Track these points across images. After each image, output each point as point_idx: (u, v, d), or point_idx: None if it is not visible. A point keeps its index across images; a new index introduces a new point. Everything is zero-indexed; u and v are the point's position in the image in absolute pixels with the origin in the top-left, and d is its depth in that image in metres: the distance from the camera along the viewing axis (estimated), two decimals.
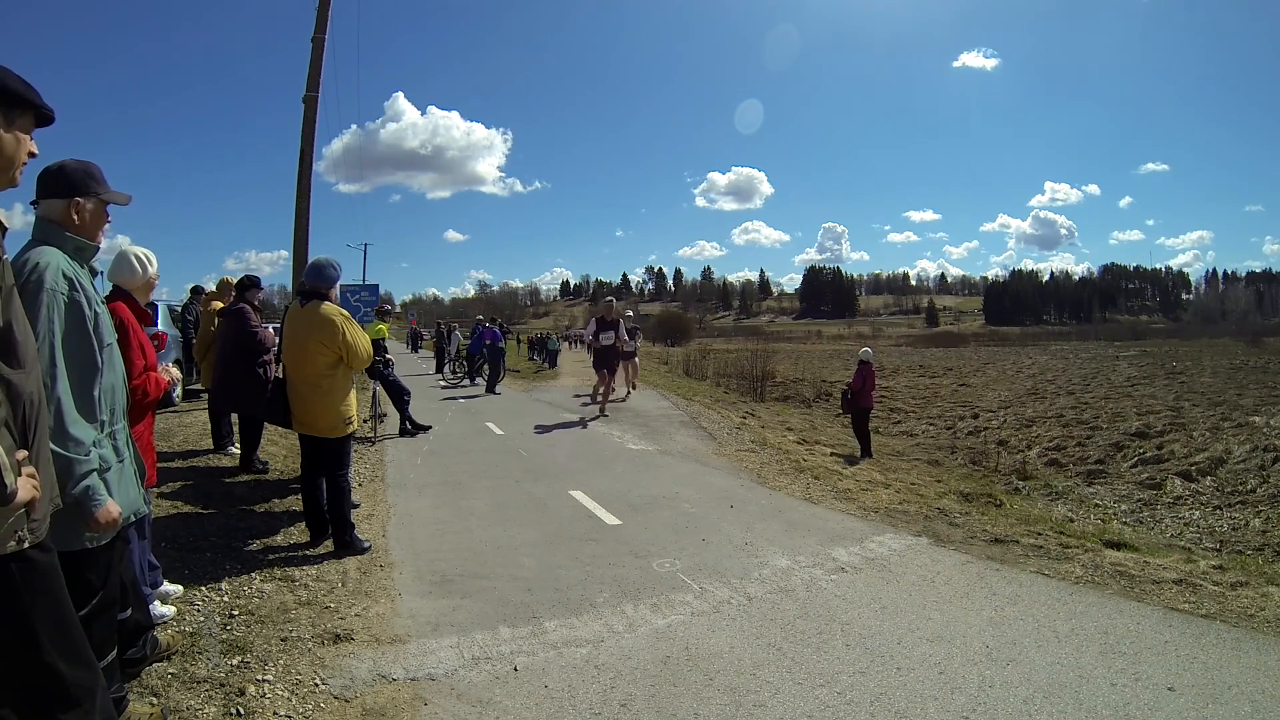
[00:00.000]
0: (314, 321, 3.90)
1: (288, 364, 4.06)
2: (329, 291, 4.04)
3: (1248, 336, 50.86)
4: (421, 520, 4.86)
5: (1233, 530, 7.13)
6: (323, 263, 4.08)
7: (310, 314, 3.93)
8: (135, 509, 2.08)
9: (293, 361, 4.00)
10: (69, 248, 1.93)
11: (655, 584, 3.57)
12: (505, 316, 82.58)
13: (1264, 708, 2.31)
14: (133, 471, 2.08)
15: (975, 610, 3.20)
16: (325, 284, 4.03)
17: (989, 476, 9.54)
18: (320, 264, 4.07)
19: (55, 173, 1.96)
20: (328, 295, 4.03)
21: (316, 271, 4.05)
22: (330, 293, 4.05)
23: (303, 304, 4.01)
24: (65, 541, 1.72)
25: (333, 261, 4.10)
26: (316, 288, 4.02)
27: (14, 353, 1.38)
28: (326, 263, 4.09)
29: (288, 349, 4.04)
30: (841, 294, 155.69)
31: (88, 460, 1.77)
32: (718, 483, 6.02)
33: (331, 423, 3.97)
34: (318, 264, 4.07)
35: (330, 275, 4.06)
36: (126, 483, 2.03)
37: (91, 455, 1.79)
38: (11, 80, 1.42)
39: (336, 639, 2.89)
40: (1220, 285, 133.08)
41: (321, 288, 4.02)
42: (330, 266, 4.07)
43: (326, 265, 4.07)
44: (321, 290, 4.02)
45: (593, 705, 2.41)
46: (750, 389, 17.47)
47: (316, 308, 3.94)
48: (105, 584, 1.94)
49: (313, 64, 11.36)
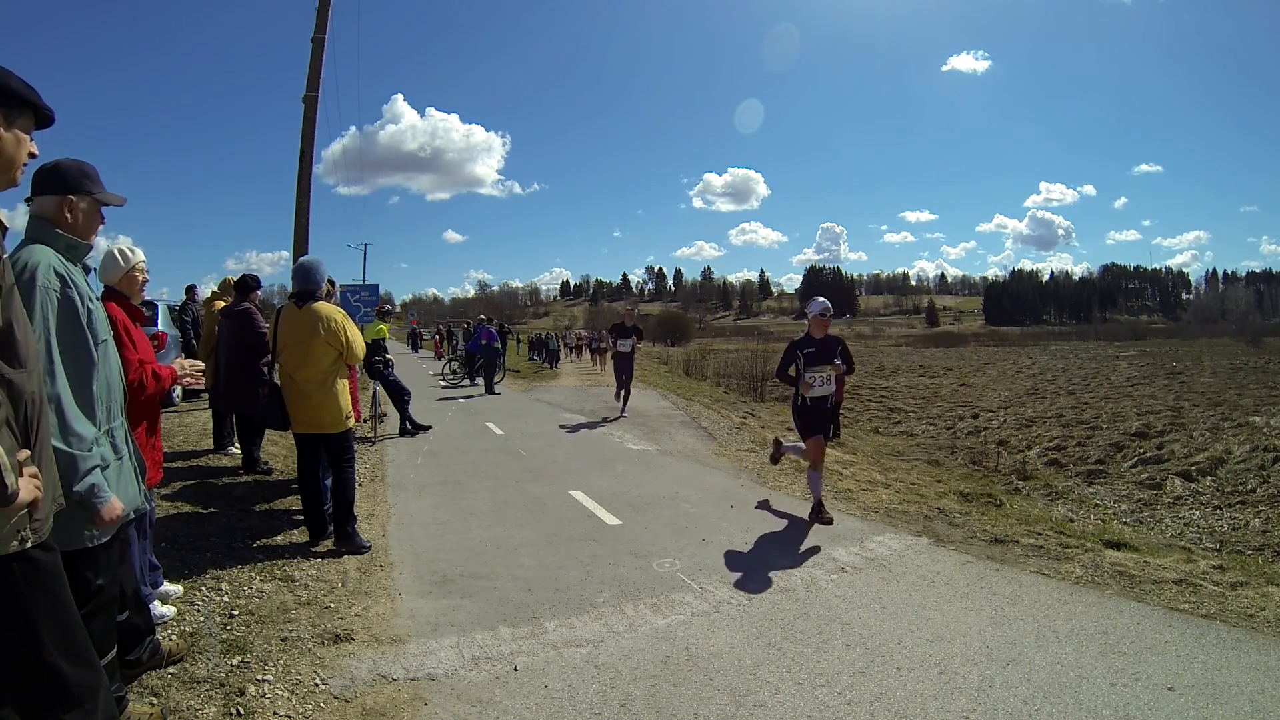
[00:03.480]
0: (316, 322, 3.95)
1: (287, 366, 4.07)
2: (319, 290, 4.11)
3: (1248, 336, 50.85)
4: (421, 520, 4.86)
5: (1233, 530, 7.12)
6: (309, 264, 4.15)
7: (310, 315, 3.98)
8: (135, 506, 2.09)
9: (296, 363, 4.01)
10: (60, 245, 1.93)
11: (655, 584, 3.57)
12: (505, 317, 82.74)
13: (1264, 708, 2.31)
14: (132, 469, 2.09)
15: (975, 610, 3.20)
16: (315, 284, 4.11)
17: (989, 476, 9.54)
18: (307, 265, 4.14)
19: (50, 171, 1.96)
20: (320, 295, 4.11)
21: (305, 273, 4.12)
22: (321, 291, 4.12)
23: (299, 305, 4.05)
24: (65, 540, 1.72)
25: (318, 261, 4.20)
26: (309, 289, 4.09)
27: (14, 352, 1.38)
28: (314, 263, 4.17)
29: (287, 351, 4.06)
30: (842, 294, 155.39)
31: (91, 456, 1.78)
32: (718, 483, 6.02)
33: (336, 417, 4.04)
34: (305, 265, 4.15)
35: (321, 274, 4.15)
36: (126, 480, 2.03)
37: (94, 451, 1.81)
38: (11, 81, 1.42)
39: (336, 639, 2.89)
40: (1220, 285, 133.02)
41: (313, 289, 4.09)
42: (318, 266, 4.17)
43: (314, 265, 4.16)
44: (314, 291, 4.09)
45: (593, 705, 2.41)
46: (750, 389, 17.46)
47: (314, 308, 4.00)
48: (105, 582, 1.95)
49: (313, 64, 11.37)
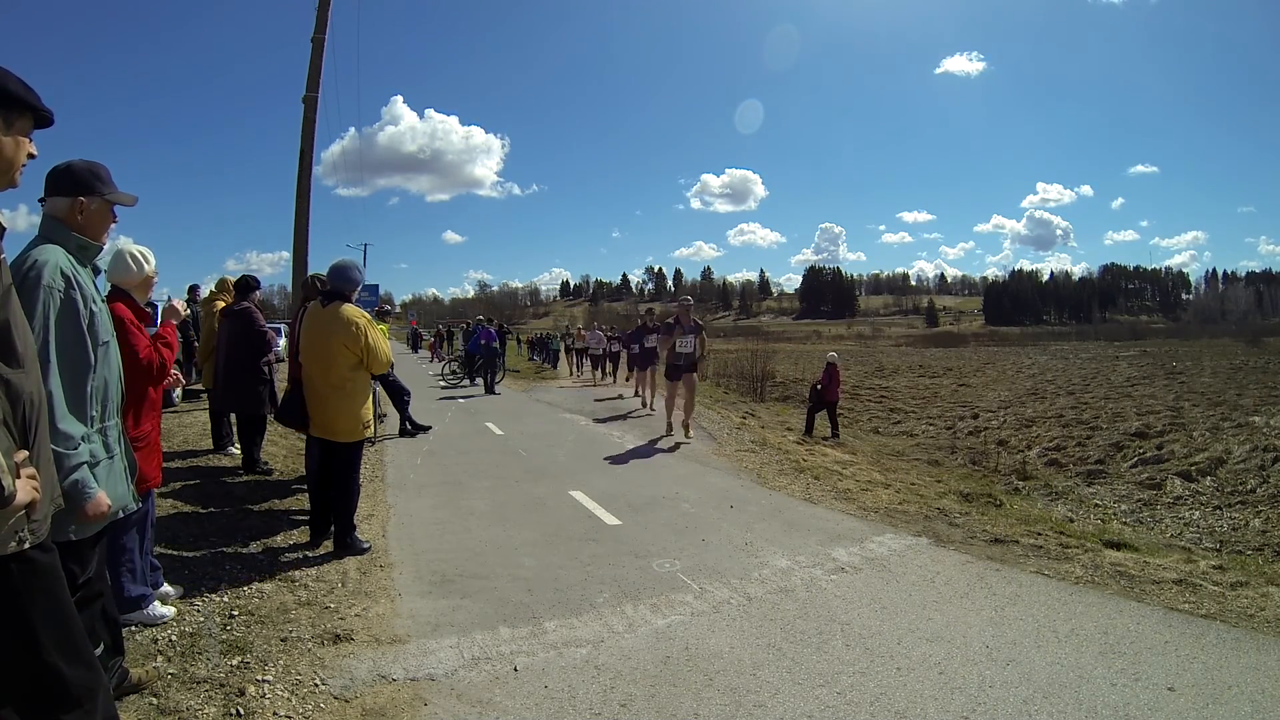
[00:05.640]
0: (337, 323, 3.87)
1: (307, 366, 4.02)
2: (350, 294, 4.04)
3: (1247, 336, 50.83)
4: (421, 520, 4.86)
5: (1233, 530, 7.12)
6: (347, 264, 4.08)
7: (332, 315, 3.90)
8: (123, 504, 2.09)
9: (314, 363, 3.96)
10: (71, 246, 1.96)
11: (655, 584, 3.57)
12: (505, 317, 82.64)
13: (1264, 708, 2.31)
14: (122, 468, 2.09)
15: (975, 610, 3.20)
16: (349, 286, 4.03)
17: (989, 476, 9.54)
18: (344, 265, 4.07)
19: (62, 172, 2.00)
20: (349, 297, 4.02)
21: (340, 273, 4.04)
22: (351, 294, 4.05)
23: (324, 304, 3.98)
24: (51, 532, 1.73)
25: (356, 264, 4.14)
26: (340, 289, 4.00)
27: (13, 352, 1.38)
28: (351, 264, 4.10)
29: (307, 350, 4.01)
30: (841, 294, 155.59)
31: (77, 454, 1.80)
32: (718, 483, 6.02)
33: (350, 426, 3.97)
34: (342, 265, 4.07)
35: (354, 277, 4.07)
36: (115, 479, 2.04)
37: (81, 449, 1.82)
38: (11, 82, 1.42)
39: (336, 639, 2.89)
40: (1220, 285, 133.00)
41: (344, 289, 4.01)
42: (354, 268, 4.10)
43: (351, 267, 4.08)
44: (344, 291, 4.00)
45: (593, 705, 2.41)
46: (750, 389, 17.47)
47: (338, 309, 3.91)
48: (89, 576, 1.95)
49: (313, 64, 11.40)
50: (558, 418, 10.26)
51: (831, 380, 11.49)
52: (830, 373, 11.54)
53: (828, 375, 11.53)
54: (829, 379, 11.47)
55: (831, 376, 11.51)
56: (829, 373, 11.56)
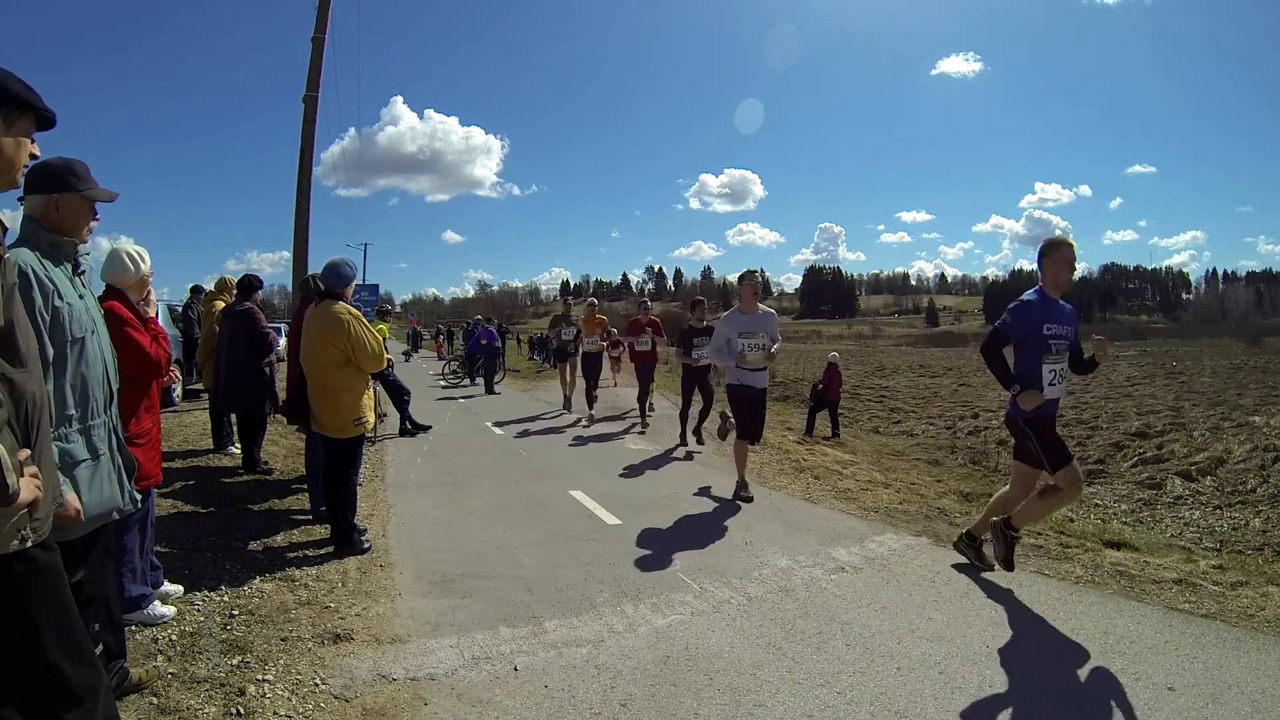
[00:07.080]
0: (324, 320, 3.98)
1: (302, 362, 4.16)
2: (344, 291, 4.12)
3: (1247, 336, 50.83)
4: (421, 520, 4.86)
5: (1233, 530, 7.12)
6: (337, 262, 4.17)
7: (322, 312, 4.02)
8: (113, 506, 2.04)
9: (305, 360, 4.09)
10: (43, 244, 1.94)
11: (655, 584, 3.57)
12: (505, 316, 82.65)
13: (1264, 708, 2.31)
14: (110, 469, 2.03)
15: (975, 610, 3.20)
16: (340, 283, 4.11)
17: (989, 476, 9.53)
18: (335, 263, 4.16)
19: (37, 170, 1.96)
20: (342, 294, 4.11)
21: (332, 271, 4.13)
22: (345, 292, 4.13)
23: (317, 303, 4.09)
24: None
25: (348, 261, 4.22)
26: (331, 287, 4.09)
27: (15, 352, 1.38)
28: (341, 261, 4.18)
29: (301, 348, 4.14)
30: (842, 294, 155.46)
31: None
32: (718, 482, 6.01)
33: (338, 422, 4.03)
34: (333, 264, 4.17)
35: (345, 273, 4.15)
36: (101, 480, 1.98)
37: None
38: (12, 83, 1.42)
39: (336, 639, 2.89)
40: (1220, 285, 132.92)
41: (336, 287, 4.09)
42: (345, 265, 4.18)
43: (341, 264, 4.17)
44: (336, 289, 4.09)
45: (593, 705, 2.41)
46: None
47: (328, 306, 4.02)
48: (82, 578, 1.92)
49: (313, 64, 11.40)
50: (557, 417, 10.26)
51: (832, 380, 11.50)
52: (831, 373, 11.62)
53: (828, 375, 11.54)
54: (830, 379, 11.54)
55: (832, 376, 11.58)
56: (830, 373, 11.62)
